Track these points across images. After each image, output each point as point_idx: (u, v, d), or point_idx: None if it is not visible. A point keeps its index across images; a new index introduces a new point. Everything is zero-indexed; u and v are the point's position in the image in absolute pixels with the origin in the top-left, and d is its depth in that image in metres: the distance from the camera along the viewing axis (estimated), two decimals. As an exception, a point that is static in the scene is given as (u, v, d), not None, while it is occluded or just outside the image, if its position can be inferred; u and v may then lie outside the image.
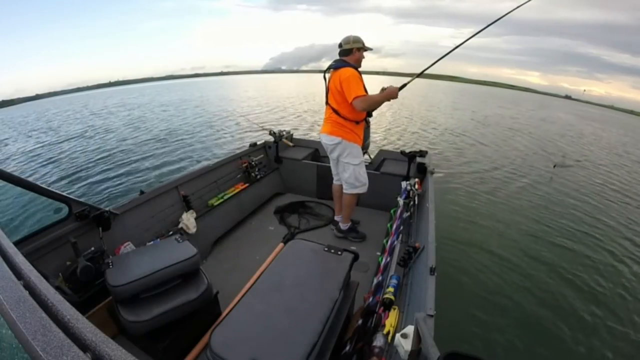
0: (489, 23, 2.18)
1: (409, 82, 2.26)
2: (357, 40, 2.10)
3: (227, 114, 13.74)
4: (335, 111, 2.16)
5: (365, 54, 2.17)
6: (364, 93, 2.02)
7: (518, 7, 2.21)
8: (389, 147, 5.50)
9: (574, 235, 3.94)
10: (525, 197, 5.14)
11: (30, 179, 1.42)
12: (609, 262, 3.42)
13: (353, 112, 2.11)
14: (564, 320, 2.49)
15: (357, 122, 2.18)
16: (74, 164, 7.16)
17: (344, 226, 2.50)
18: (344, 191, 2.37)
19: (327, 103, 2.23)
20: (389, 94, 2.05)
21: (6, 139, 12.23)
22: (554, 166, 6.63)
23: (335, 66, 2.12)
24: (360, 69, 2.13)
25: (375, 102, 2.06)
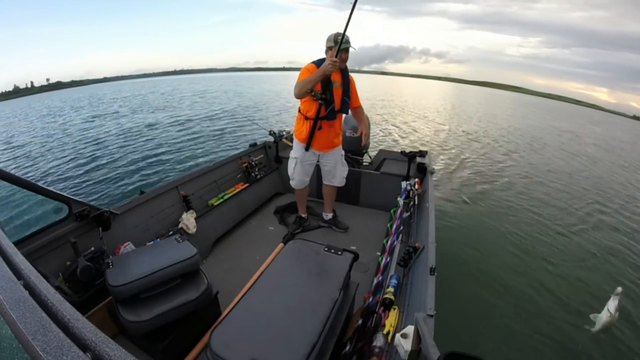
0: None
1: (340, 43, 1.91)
2: (328, 39, 2.00)
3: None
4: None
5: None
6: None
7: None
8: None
9: (572, 236, 3.94)
10: (528, 200, 5.15)
11: (31, 179, 1.42)
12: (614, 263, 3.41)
13: (302, 106, 2.15)
14: (563, 320, 2.49)
15: (306, 118, 2.15)
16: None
17: (295, 217, 2.67)
18: None
19: None
20: (319, 70, 1.87)
21: (116, 112, 14.53)
22: None
23: None
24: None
25: (300, 85, 1.94)
